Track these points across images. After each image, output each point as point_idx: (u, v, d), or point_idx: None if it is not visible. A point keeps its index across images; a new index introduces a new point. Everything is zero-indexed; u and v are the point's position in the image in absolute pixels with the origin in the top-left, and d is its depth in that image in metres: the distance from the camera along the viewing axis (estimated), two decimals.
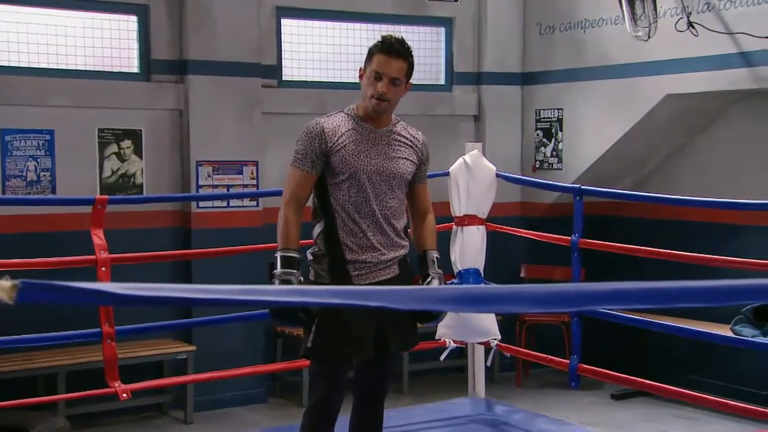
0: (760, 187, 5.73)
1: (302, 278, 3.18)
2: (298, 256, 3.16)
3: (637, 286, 1.71)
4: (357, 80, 7.54)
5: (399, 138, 3.31)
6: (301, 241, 3.21)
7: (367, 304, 1.26)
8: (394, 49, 3.21)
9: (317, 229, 3.27)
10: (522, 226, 6.05)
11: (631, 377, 4.15)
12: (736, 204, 4.51)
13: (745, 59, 5.32)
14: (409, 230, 3.39)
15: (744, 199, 4.57)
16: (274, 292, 1.30)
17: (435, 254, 3.40)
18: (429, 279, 3.35)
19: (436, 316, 3.43)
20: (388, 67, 3.19)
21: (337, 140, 3.21)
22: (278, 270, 3.10)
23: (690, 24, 5.49)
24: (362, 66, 3.30)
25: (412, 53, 3.27)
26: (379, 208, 3.22)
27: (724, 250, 4.71)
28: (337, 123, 3.25)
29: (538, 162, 6.83)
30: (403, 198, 3.33)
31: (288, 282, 3.09)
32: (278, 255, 3.16)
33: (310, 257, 3.30)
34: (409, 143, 3.33)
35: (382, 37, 3.29)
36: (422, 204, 3.43)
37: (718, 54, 5.44)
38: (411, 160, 3.32)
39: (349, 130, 3.24)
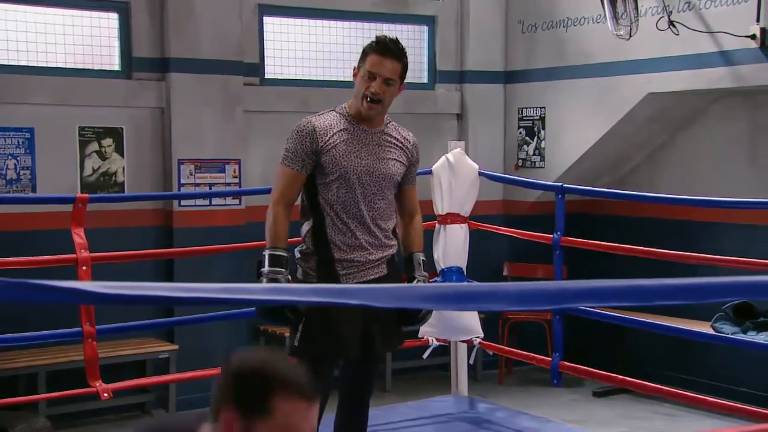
0: (739, 185, 5.77)
1: (290, 277, 3.15)
2: (286, 254, 3.15)
3: (617, 283, 1.72)
4: (339, 78, 7.55)
5: (390, 139, 3.30)
6: (289, 240, 3.22)
7: (348, 302, 1.26)
8: (388, 50, 3.20)
9: (305, 227, 3.27)
10: (504, 224, 6.06)
11: (613, 374, 4.17)
12: (717, 202, 4.55)
13: (725, 58, 5.35)
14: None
15: (723, 197, 4.61)
16: (256, 290, 1.29)
17: (421, 257, 3.40)
18: (415, 281, 3.34)
19: (421, 318, 3.40)
20: (381, 68, 3.17)
21: (328, 140, 3.19)
22: (266, 268, 3.07)
23: (671, 23, 5.52)
24: (356, 65, 3.28)
25: (406, 54, 3.26)
26: (368, 209, 3.21)
27: (704, 248, 4.74)
28: (328, 122, 3.23)
29: (520, 160, 6.85)
30: (392, 199, 3.32)
31: (276, 280, 3.06)
32: (266, 253, 3.14)
33: (298, 255, 3.28)
34: (400, 144, 3.31)
35: (377, 37, 3.28)
36: (410, 205, 3.43)
37: (699, 53, 5.48)
38: (401, 162, 3.30)
39: (341, 129, 3.23)
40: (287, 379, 1.61)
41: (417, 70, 6.82)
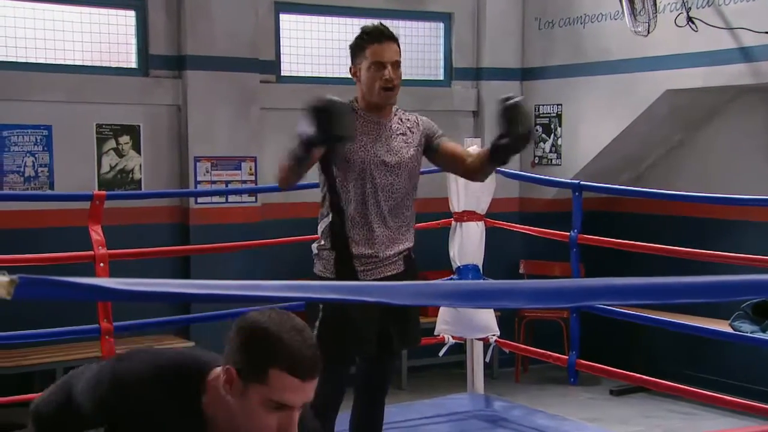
0: (759, 182, 5.72)
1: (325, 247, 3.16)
2: None
3: (635, 281, 1.70)
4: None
5: (400, 127, 3.29)
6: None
7: (366, 300, 1.26)
8: (384, 35, 3.22)
9: (323, 223, 3.26)
10: (521, 221, 6.05)
11: (630, 373, 4.16)
12: (735, 200, 4.52)
13: (745, 54, 5.31)
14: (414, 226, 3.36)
15: (743, 195, 4.58)
16: (272, 287, 1.30)
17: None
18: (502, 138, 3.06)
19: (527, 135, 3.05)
20: (386, 53, 3.18)
21: None
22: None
23: (689, 19, 5.48)
24: (351, 65, 3.27)
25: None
26: (385, 200, 3.20)
27: (723, 246, 4.70)
28: None
29: (537, 158, 6.82)
30: (410, 189, 3.28)
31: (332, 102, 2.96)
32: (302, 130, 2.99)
33: (315, 251, 3.28)
34: (409, 128, 3.31)
35: (364, 28, 3.28)
36: (457, 151, 3.33)
37: (718, 49, 5.44)
38: (415, 144, 3.28)
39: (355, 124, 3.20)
40: (288, 353, 1.70)
41: (433, 67, 6.81)
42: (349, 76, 6.95)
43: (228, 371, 1.80)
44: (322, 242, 3.26)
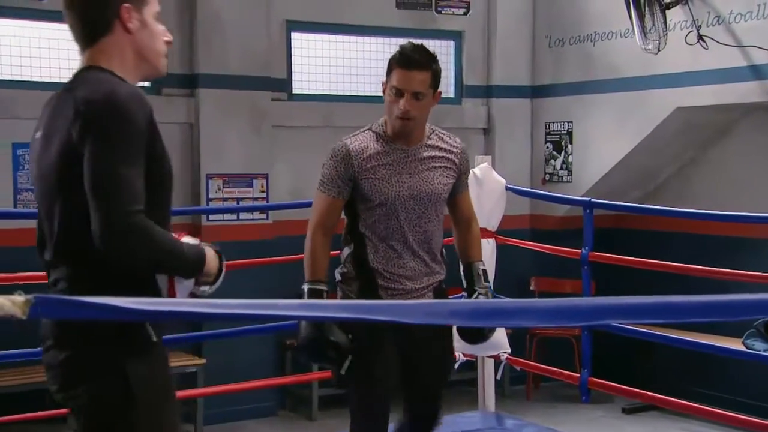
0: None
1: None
2: (326, 288, 2.97)
3: (649, 300, 1.70)
4: (366, 93, 7.57)
5: (433, 153, 3.06)
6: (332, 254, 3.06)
7: (378, 318, 1.26)
8: (413, 61, 2.93)
9: (346, 251, 3.08)
10: (532, 239, 6.04)
11: (642, 391, 4.13)
12: (747, 217, 4.51)
13: (755, 72, 5.31)
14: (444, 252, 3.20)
15: (755, 213, 4.57)
16: (282, 306, 1.30)
17: (481, 266, 3.18)
18: (476, 295, 3.12)
19: (486, 336, 3.15)
20: (408, 82, 2.91)
21: (365, 163, 2.99)
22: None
23: (700, 37, 5.49)
24: (384, 79, 3.03)
25: (436, 59, 3.00)
26: (413, 234, 3.01)
27: (735, 264, 4.68)
28: (364, 143, 3.02)
29: (547, 175, 6.82)
30: (441, 218, 3.10)
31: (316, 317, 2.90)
32: (305, 288, 2.96)
33: (338, 278, 3.11)
34: (445, 155, 3.08)
35: (400, 47, 3.02)
36: (464, 212, 3.22)
37: (728, 67, 5.44)
38: (448, 175, 3.08)
39: (378, 152, 3.00)
40: None
41: (444, 85, 6.79)
42: (360, 93, 6.89)
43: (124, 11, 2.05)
44: (345, 269, 3.08)
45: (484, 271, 3.19)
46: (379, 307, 1.29)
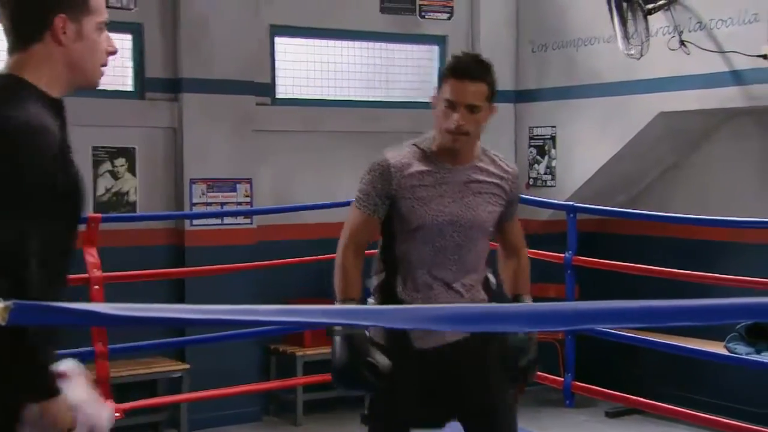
0: (752, 204, 5.74)
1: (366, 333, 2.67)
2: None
3: (632, 305, 1.71)
4: (351, 98, 7.55)
5: (483, 177, 2.81)
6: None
7: (359, 323, 1.26)
8: (468, 72, 2.71)
9: (375, 281, 2.86)
10: None
11: (625, 395, 4.15)
12: (729, 222, 4.53)
13: (737, 78, 5.35)
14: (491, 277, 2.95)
15: (737, 217, 4.60)
16: (263, 311, 1.30)
17: (529, 300, 2.94)
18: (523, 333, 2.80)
19: (525, 370, 2.82)
20: (462, 94, 2.69)
21: (405, 182, 2.75)
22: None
23: (682, 42, 5.52)
24: (435, 90, 2.82)
25: (492, 70, 2.78)
26: (453, 264, 2.76)
27: (718, 268, 4.71)
28: (406, 160, 2.77)
29: (531, 179, 6.84)
30: (485, 247, 2.86)
31: (351, 338, 2.61)
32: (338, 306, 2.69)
33: None
34: (495, 181, 2.82)
35: (453, 56, 2.84)
36: (513, 241, 2.99)
37: (710, 72, 5.47)
38: (495, 203, 2.82)
39: (421, 170, 2.76)
40: None
41: (428, 89, 6.84)
42: (345, 98, 6.80)
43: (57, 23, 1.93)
44: (375, 298, 2.84)
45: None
46: (360, 312, 1.29)
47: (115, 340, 3.99)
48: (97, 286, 3.78)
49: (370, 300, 2.85)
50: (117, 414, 3.82)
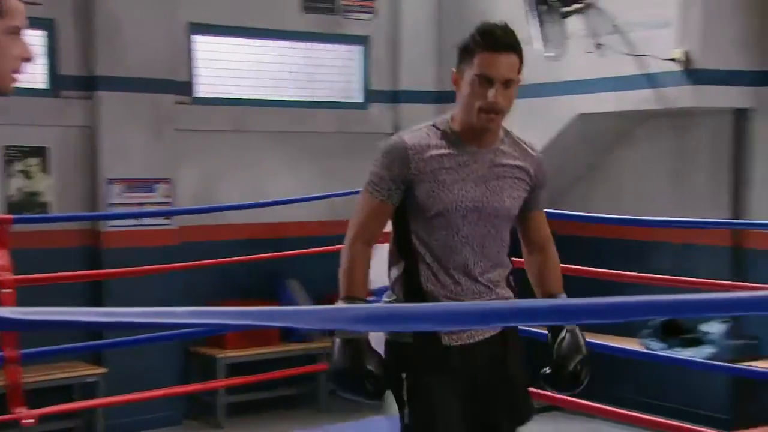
0: (665, 204, 5.91)
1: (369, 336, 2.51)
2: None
3: (546, 303, 1.74)
4: (273, 98, 7.47)
5: (507, 160, 2.59)
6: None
7: (273, 325, 1.24)
8: (501, 42, 2.48)
9: (394, 272, 2.59)
10: None
11: (542, 391, 4.21)
12: (643, 221, 4.64)
13: (651, 80, 5.49)
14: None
15: (652, 216, 4.72)
16: (178, 314, 1.27)
17: (564, 298, 2.67)
18: (563, 335, 2.62)
19: (581, 380, 2.65)
20: (497, 68, 2.46)
21: (424, 165, 2.49)
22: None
23: (598, 45, 5.64)
24: (455, 69, 2.57)
25: (518, 39, 2.52)
26: (476, 255, 2.53)
27: (633, 267, 4.82)
28: (425, 141, 2.52)
29: None
30: (507, 239, 2.63)
31: (353, 342, 2.43)
32: (341, 305, 2.48)
33: None
34: (519, 164, 2.61)
35: (482, 26, 2.54)
36: (540, 235, 2.72)
37: (625, 75, 5.60)
38: (520, 188, 2.60)
39: (441, 153, 2.51)
40: None
41: (351, 90, 6.84)
42: (266, 97, 6.70)
43: None
44: (394, 296, 2.60)
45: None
46: (276, 313, 1.27)
47: (31, 344, 3.87)
48: (8, 290, 3.66)
49: (387, 295, 2.62)
50: (30, 420, 3.71)
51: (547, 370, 2.67)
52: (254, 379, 5.20)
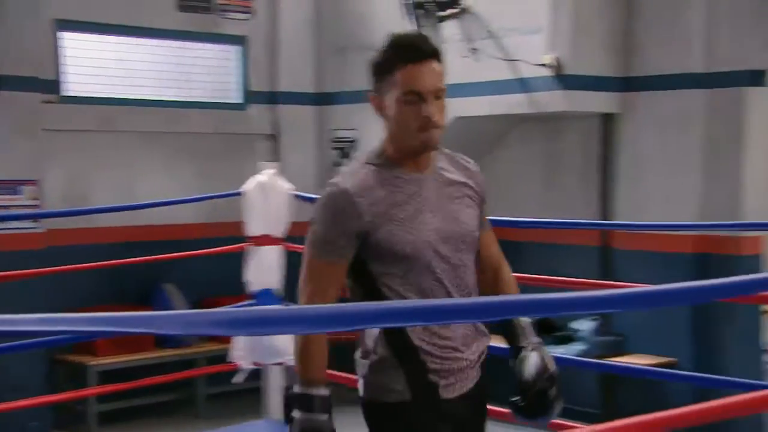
0: (537, 205, 6.08)
1: (334, 427, 2.29)
2: (327, 392, 2.26)
3: (415, 303, 1.74)
4: (145, 97, 7.27)
5: (453, 177, 2.36)
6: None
7: (131, 331, 1.19)
8: (422, 51, 2.24)
9: (371, 331, 2.30)
10: None
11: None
12: (516, 222, 4.75)
13: (523, 85, 5.63)
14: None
15: (525, 218, 4.84)
16: (27, 321, 1.20)
17: (527, 318, 2.44)
18: (523, 355, 2.42)
19: (553, 407, 2.40)
20: (424, 80, 2.22)
21: (376, 209, 2.23)
22: (299, 413, 2.20)
23: (473, 50, 5.75)
24: (372, 90, 2.32)
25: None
26: (455, 289, 2.30)
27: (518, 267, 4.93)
28: (367, 182, 2.25)
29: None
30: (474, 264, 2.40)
31: (317, 431, 2.21)
32: (297, 392, 2.24)
33: (364, 369, 2.33)
34: (464, 180, 2.38)
35: (395, 38, 2.29)
36: (492, 254, 2.50)
37: (499, 79, 5.73)
38: (473, 206, 2.38)
39: (386, 189, 2.25)
40: None
41: (229, 90, 6.74)
42: (139, 96, 6.47)
43: None
44: (376, 355, 2.30)
45: (531, 323, 2.44)
46: (132, 319, 1.22)
47: None
48: None
49: (370, 357, 2.32)
50: None
51: (517, 397, 2.44)
52: (127, 387, 5.04)
